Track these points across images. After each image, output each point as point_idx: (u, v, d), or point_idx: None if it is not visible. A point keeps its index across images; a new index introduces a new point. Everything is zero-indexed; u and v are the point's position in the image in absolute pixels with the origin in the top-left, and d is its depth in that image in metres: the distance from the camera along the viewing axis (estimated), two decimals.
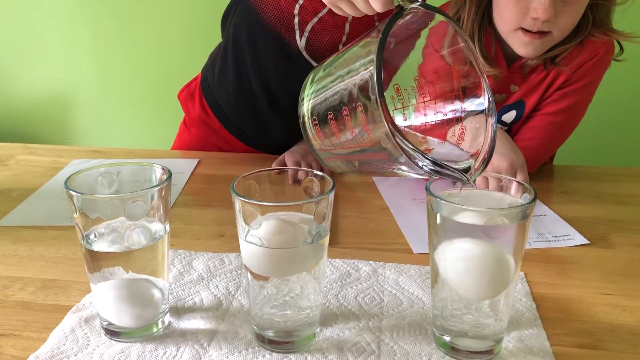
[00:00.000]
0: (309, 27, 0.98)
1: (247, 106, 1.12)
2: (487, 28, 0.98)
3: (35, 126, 2.42)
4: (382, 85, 0.46)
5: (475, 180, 0.53)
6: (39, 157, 1.12)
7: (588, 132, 1.37)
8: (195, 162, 1.08)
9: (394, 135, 0.46)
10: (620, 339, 0.58)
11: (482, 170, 0.54)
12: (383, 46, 0.46)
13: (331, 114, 0.53)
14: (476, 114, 0.58)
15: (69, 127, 2.43)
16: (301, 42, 0.99)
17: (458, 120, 0.59)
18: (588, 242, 0.78)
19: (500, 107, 1.01)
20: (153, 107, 2.33)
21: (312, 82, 0.57)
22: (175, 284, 0.67)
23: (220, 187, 0.99)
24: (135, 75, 2.29)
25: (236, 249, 0.74)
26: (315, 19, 0.97)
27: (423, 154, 0.47)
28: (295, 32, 0.98)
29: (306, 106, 0.57)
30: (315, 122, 0.55)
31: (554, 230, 0.81)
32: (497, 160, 0.85)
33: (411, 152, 0.47)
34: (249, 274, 0.55)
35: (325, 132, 0.55)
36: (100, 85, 2.34)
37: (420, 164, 0.48)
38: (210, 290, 0.66)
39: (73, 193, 0.53)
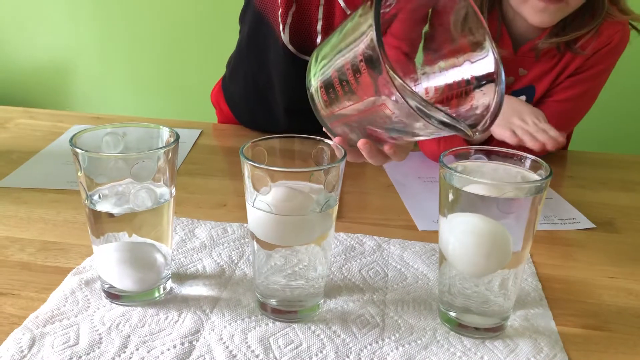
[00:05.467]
0: (289, 20, 0.97)
1: (256, 103, 1.11)
2: (492, 11, 0.95)
3: (34, 93, 2.39)
4: (381, 33, 0.46)
5: (478, 133, 0.52)
6: (39, 121, 1.10)
7: (599, 120, 1.36)
8: (197, 132, 1.07)
9: (391, 78, 0.46)
10: (627, 321, 0.58)
11: (489, 126, 0.53)
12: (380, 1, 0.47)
13: (336, 81, 0.52)
14: (484, 85, 0.57)
15: (68, 95, 2.40)
16: (285, 36, 0.98)
17: (466, 92, 0.58)
18: (594, 226, 0.77)
19: (509, 90, 1.00)
20: (154, 77, 2.31)
21: (316, 60, 0.56)
22: (178, 250, 0.66)
23: (223, 158, 0.97)
24: (136, 44, 2.27)
25: (239, 219, 0.73)
26: (293, 7, 0.96)
27: (426, 100, 0.47)
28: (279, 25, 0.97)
29: (314, 85, 0.56)
30: (324, 94, 0.55)
31: (560, 213, 0.80)
32: (514, 118, 0.85)
33: (415, 97, 0.47)
34: (255, 242, 0.54)
35: (332, 100, 0.54)
36: (101, 53, 2.31)
37: (419, 108, 0.47)
38: (212, 258, 0.65)
39: (78, 151, 0.51)
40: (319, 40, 0.99)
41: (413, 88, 0.54)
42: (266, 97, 1.08)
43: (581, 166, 0.99)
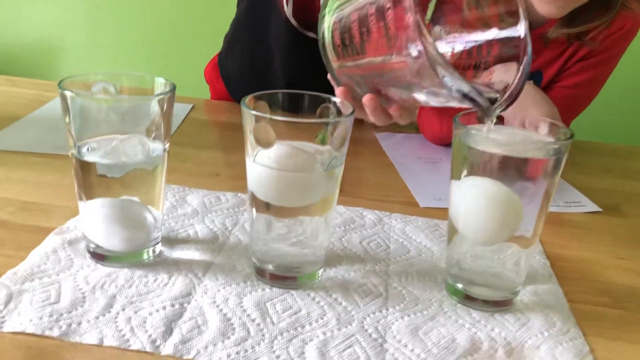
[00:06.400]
0: None
1: (253, 80, 1.07)
2: None
3: (21, 70, 2.32)
4: None
5: (497, 112, 0.49)
6: (22, 89, 1.05)
7: (604, 109, 1.34)
8: (189, 107, 1.03)
9: (420, 33, 0.41)
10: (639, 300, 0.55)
11: (508, 105, 0.49)
12: None
13: (355, 24, 0.48)
14: (508, 57, 0.53)
15: (56, 74, 2.34)
16: (288, 9, 0.94)
17: (487, 64, 0.55)
18: (600, 209, 0.75)
19: None
20: (144, 55, 2.25)
21: None
22: (168, 215, 0.62)
23: (215, 132, 0.94)
24: (126, 21, 2.21)
25: (233, 188, 0.70)
26: None
27: (453, 67, 0.43)
28: None
29: (327, 21, 0.52)
30: (337, 37, 0.51)
31: (566, 197, 0.77)
32: (530, 110, 0.80)
33: (440, 58, 0.43)
34: (254, 210, 0.51)
35: (346, 45, 0.50)
36: (90, 32, 2.25)
37: (442, 72, 0.43)
38: (205, 224, 0.61)
39: (67, 93, 0.47)
40: None
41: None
42: (264, 73, 1.05)
43: (584, 155, 0.97)
